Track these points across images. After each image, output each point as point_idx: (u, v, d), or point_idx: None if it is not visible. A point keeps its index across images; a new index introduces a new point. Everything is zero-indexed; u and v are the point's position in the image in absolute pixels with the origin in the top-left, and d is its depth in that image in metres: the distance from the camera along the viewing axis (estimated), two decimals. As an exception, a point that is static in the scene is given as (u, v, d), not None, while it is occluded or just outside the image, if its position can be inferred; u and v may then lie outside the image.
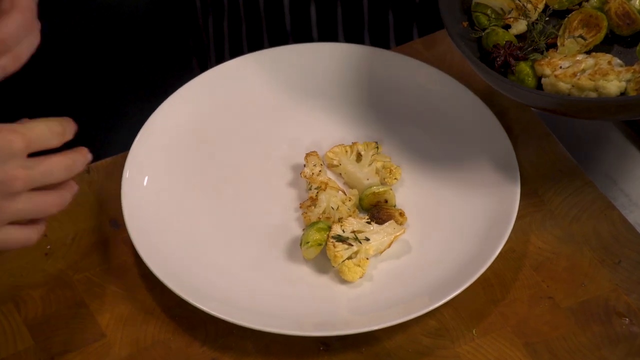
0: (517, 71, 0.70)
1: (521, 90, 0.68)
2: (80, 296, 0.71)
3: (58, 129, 0.58)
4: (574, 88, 0.67)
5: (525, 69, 0.70)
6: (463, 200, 0.74)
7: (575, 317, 0.69)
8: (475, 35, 0.73)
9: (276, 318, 0.67)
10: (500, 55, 0.70)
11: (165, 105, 0.79)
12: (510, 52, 0.70)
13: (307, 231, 0.71)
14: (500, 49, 0.71)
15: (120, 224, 0.73)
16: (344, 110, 0.79)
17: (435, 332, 0.68)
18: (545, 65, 0.69)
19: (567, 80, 0.67)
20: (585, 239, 0.73)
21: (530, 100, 0.69)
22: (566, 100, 0.67)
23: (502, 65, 0.70)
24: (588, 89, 0.67)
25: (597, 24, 0.71)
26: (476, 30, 0.73)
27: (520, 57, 0.70)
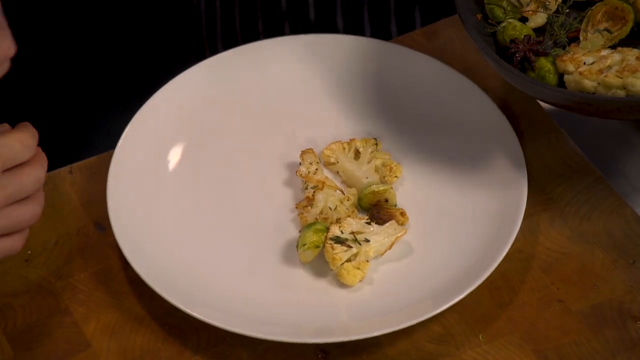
0: (537, 67, 0.68)
1: (544, 89, 0.66)
2: (64, 304, 0.69)
3: (30, 141, 0.59)
4: (600, 86, 0.65)
5: (546, 65, 0.68)
6: (467, 199, 0.73)
7: (587, 322, 0.68)
8: (490, 30, 0.70)
9: (272, 324, 0.67)
10: (519, 50, 0.68)
11: (153, 101, 0.77)
12: (530, 47, 0.68)
13: (304, 233, 0.70)
14: (519, 44, 0.68)
15: (106, 226, 0.72)
16: (341, 105, 0.78)
17: (440, 338, 0.67)
18: (568, 61, 0.67)
19: (593, 78, 0.65)
20: (597, 238, 0.72)
21: (553, 98, 0.67)
22: (593, 100, 0.64)
23: (521, 61, 0.68)
24: (616, 86, 0.65)
25: (622, 17, 0.68)
26: (491, 23, 0.71)
27: (540, 52, 0.68)
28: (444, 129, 0.76)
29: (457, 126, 0.76)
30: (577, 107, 0.66)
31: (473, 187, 0.73)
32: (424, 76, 0.78)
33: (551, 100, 0.67)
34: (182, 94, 0.77)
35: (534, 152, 0.75)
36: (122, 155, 0.74)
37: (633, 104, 0.63)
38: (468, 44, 0.80)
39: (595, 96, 0.65)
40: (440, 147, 0.75)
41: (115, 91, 0.93)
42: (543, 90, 0.66)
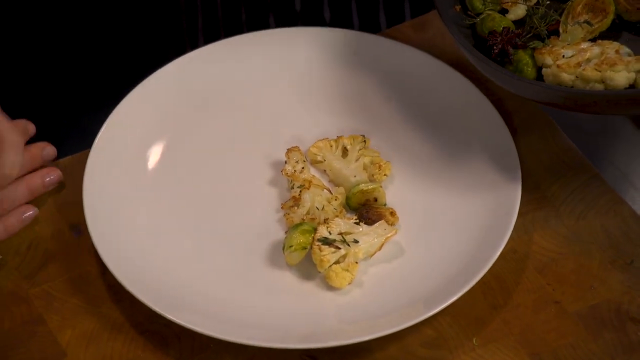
0: (515, 60, 0.67)
1: (521, 82, 0.65)
2: (38, 312, 0.68)
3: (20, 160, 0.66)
4: (578, 79, 0.64)
5: (524, 58, 0.67)
6: (459, 197, 0.72)
7: (584, 323, 0.67)
8: (468, 22, 0.70)
9: (257, 330, 0.66)
10: (497, 42, 0.67)
11: (130, 98, 0.75)
12: (508, 39, 0.67)
13: (290, 234, 0.69)
14: (497, 36, 0.68)
15: (83, 230, 0.71)
16: (327, 101, 0.77)
17: (432, 342, 0.66)
18: (547, 54, 0.66)
19: (571, 71, 0.65)
20: (594, 237, 0.71)
21: (530, 92, 0.66)
22: (570, 93, 0.64)
23: (499, 54, 0.67)
24: (594, 80, 0.64)
25: (603, 9, 0.68)
26: (470, 15, 0.70)
27: (519, 44, 0.67)
28: (434, 125, 0.75)
29: (448, 122, 0.75)
30: (555, 101, 0.65)
31: (465, 185, 0.72)
32: (414, 70, 0.76)
33: (530, 94, 0.66)
34: (160, 91, 0.76)
35: (528, 148, 0.74)
36: (99, 155, 0.72)
37: (610, 98, 0.62)
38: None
39: (572, 90, 0.64)
40: (431, 143, 0.74)
41: (91, 89, 0.91)
42: (521, 84, 0.65)
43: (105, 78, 0.91)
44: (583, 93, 0.63)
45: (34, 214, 0.69)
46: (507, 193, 0.70)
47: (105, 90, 0.86)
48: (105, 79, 0.91)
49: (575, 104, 0.63)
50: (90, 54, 0.92)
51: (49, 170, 0.70)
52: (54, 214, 0.72)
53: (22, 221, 0.68)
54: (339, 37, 0.78)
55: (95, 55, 0.92)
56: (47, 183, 0.70)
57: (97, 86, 0.91)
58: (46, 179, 0.70)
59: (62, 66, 0.92)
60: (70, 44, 0.92)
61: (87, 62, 0.93)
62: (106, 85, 0.89)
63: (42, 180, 0.70)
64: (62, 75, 0.92)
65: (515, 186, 0.70)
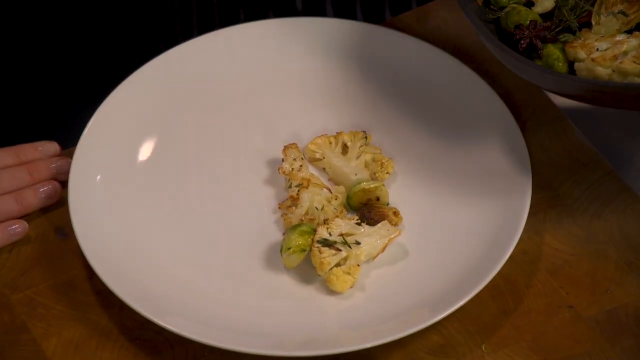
0: (545, 55, 0.65)
1: (555, 77, 0.63)
2: (21, 319, 0.66)
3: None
4: (615, 73, 0.63)
5: (554, 52, 0.65)
6: (466, 196, 0.70)
7: (600, 329, 0.65)
8: (492, 16, 0.68)
9: (255, 337, 0.64)
10: (524, 36, 0.65)
11: (118, 93, 0.74)
12: (537, 32, 0.65)
13: (288, 235, 0.67)
14: (525, 30, 0.66)
15: (68, 232, 0.69)
16: (326, 96, 0.75)
17: (439, 348, 0.65)
18: (579, 47, 0.64)
19: (607, 64, 0.63)
20: (609, 237, 0.69)
21: (564, 87, 0.64)
22: (610, 87, 0.61)
23: (527, 49, 0.65)
24: (633, 73, 0.62)
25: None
26: (492, 9, 0.68)
27: (548, 38, 0.66)
28: (439, 120, 0.74)
29: (453, 117, 0.73)
30: (591, 96, 0.63)
31: (472, 183, 0.70)
32: (417, 62, 0.75)
33: (562, 89, 0.65)
34: (149, 86, 0.74)
35: (538, 143, 0.73)
36: (85, 153, 0.70)
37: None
38: (463, 26, 0.77)
39: (612, 83, 0.62)
40: (436, 139, 0.73)
41: (77, 84, 0.89)
42: (553, 78, 0.63)
43: (94, 74, 0.89)
44: (624, 86, 0.60)
45: (22, 230, 0.66)
46: (516, 191, 0.68)
47: (92, 87, 0.84)
48: (93, 75, 0.89)
49: (613, 99, 0.61)
50: (79, 51, 0.90)
51: (44, 183, 0.67)
52: (37, 215, 0.70)
53: (8, 236, 0.66)
54: (338, 27, 0.76)
55: (83, 53, 0.90)
56: (41, 195, 0.67)
57: (85, 82, 0.89)
58: (40, 192, 0.67)
59: (48, 63, 0.90)
60: (61, 40, 0.90)
61: (76, 59, 0.90)
62: (94, 81, 0.87)
63: (34, 192, 0.67)
64: (47, 72, 0.90)
65: (525, 184, 0.68)
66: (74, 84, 0.88)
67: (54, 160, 0.68)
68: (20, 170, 0.67)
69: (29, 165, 0.67)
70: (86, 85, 0.87)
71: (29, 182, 0.67)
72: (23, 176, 0.67)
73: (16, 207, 0.66)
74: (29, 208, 0.67)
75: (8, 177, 0.66)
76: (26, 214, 0.67)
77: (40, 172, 0.67)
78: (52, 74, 0.88)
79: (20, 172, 0.67)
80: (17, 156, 0.68)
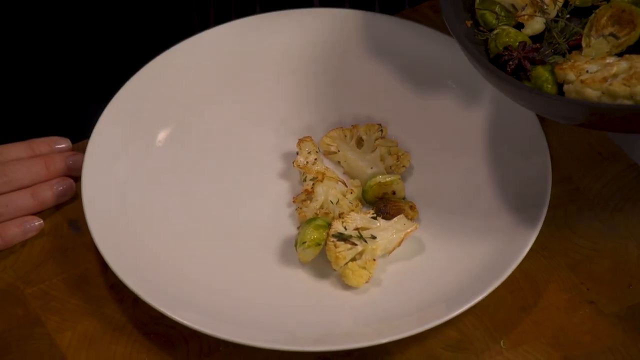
0: (534, 77, 0.65)
1: (544, 98, 0.62)
2: (35, 313, 0.66)
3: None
4: (605, 95, 0.62)
5: (543, 74, 0.64)
6: (484, 190, 0.70)
7: (622, 325, 0.65)
8: (481, 37, 0.67)
9: (269, 331, 0.64)
10: (513, 57, 0.65)
11: (131, 85, 0.74)
12: (526, 54, 0.65)
13: (303, 229, 0.67)
14: (513, 51, 0.65)
15: (81, 226, 0.69)
16: (341, 88, 0.75)
17: (457, 344, 0.65)
18: (569, 69, 0.63)
19: (596, 87, 0.62)
20: (631, 231, 0.69)
21: (552, 109, 0.63)
22: (599, 109, 0.61)
23: (515, 70, 0.65)
24: (622, 96, 0.61)
25: (631, 20, 0.65)
26: (482, 31, 0.67)
27: (537, 60, 0.65)
28: (456, 113, 0.73)
29: (470, 109, 0.73)
30: (580, 118, 0.62)
31: (490, 176, 0.70)
32: (433, 54, 0.75)
33: (551, 111, 0.64)
34: (161, 79, 0.74)
35: (557, 137, 0.72)
36: (98, 145, 0.70)
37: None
38: None
39: (601, 104, 0.61)
40: (453, 132, 0.72)
41: (89, 79, 0.89)
42: (541, 100, 0.62)
43: (106, 69, 0.89)
44: (613, 108, 0.60)
45: (38, 225, 0.67)
46: (536, 185, 0.68)
47: (105, 78, 0.84)
48: (106, 70, 0.89)
49: (602, 120, 0.61)
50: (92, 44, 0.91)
51: (60, 180, 0.68)
52: (51, 209, 0.70)
53: (24, 232, 0.66)
54: (353, 18, 0.76)
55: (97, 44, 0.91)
56: (58, 193, 0.67)
57: (97, 73, 0.89)
58: (56, 189, 0.67)
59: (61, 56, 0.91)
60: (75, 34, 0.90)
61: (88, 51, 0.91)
62: (107, 76, 0.87)
63: (50, 188, 0.67)
64: (62, 66, 0.91)
65: (544, 177, 0.68)
66: (86, 78, 0.88)
67: (70, 155, 0.69)
68: (37, 163, 0.67)
69: (45, 158, 0.68)
70: (98, 80, 0.87)
71: (45, 176, 0.67)
72: (39, 169, 0.67)
73: (32, 202, 0.67)
74: (44, 204, 0.67)
75: (24, 170, 0.67)
76: (41, 210, 0.68)
77: (56, 166, 0.68)
78: (65, 68, 0.89)
79: (36, 164, 0.67)
80: (32, 149, 0.68)
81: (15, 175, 0.66)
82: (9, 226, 0.66)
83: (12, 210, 0.66)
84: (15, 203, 0.66)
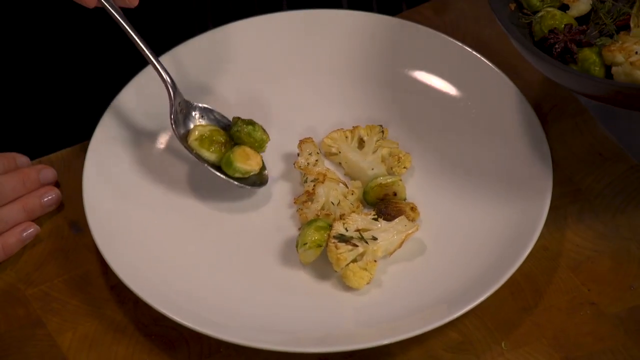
0: (580, 59, 0.64)
1: (594, 82, 0.62)
2: (36, 314, 0.66)
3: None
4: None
5: (590, 57, 0.64)
6: (485, 191, 0.70)
7: (624, 327, 0.65)
8: (525, 20, 0.67)
9: (270, 333, 0.64)
10: (559, 41, 0.64)
11: (133, 85, 0.74)
12: (572, 36, 0.65)
13: (304, 231, 0.67)
14: (559, 34, 0.65)
15: (82, 227, 0.69)
16: (342, 89, 0.75)
17: (458, 345, 0.65)
18: (617, 51, 0.63)
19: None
20: (633, 233, 0.69)
21: (602, 91, 0.62)
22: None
23: (561, 53, 0.65)
24: None
25: None
26: (526, 13, 0.67)
27: (584, 42, 0.65)
28: (456, 113, 0.73)
29: (471, 110, 0.73)
30: (630, 101, 0.61)
31: (491, 177, 0.70)
32: (434, 55, 0.75)
33: (600, 93, 0.63)
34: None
35: (559, 137, 0.72)
36: (99, 146, 0.71)
37: None
38: (482, 19, 0.77)
39: None
40: (454, 133, 0.72)
41: (90, 77, 0.89)
42: (591, 83, 0.62)
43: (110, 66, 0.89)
44: None
45: (34, 231, 0.68)
46: (537, 186, 0.68)
47: (107, 78, 0.84)
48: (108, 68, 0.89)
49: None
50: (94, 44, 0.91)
51: (47, 190, 0.69)
52: (52, 211, 0.70)
53: (22, 240, 0.67)
54: (354, 19, 0.76)
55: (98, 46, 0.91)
56: (46, 203, 0.69)
57: (101, 73, 0.90)
58: (44, 199, 0.68)
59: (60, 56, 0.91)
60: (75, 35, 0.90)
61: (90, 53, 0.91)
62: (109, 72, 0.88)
63: (39, 200, 0.68)
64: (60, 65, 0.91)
65: (546, 178, 0.68)
66: (88, 80, 0.89)
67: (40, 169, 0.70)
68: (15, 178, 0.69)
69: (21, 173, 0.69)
70: (99, 82, 0.87)
71: (22, 191, 0.69)
72: (17, 184, 0.68)
73: (24, 215, 0.68)
74: (34, 215, 0.69)
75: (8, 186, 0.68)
76: (31, 220, 0.69)
77: (31, 180, 0.69)
78: (66, 70, 0.89)
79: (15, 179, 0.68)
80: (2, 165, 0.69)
81: (3, 190, 0.67)
82: (9, 237, 0.67)
83: (10, 225, 0.67)
84: (12, 218, 0.67)
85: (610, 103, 0.64)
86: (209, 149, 0.69)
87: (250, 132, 0.69)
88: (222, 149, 0.69)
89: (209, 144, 0.68)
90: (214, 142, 0.69)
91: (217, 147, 0.69)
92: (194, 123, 0.70)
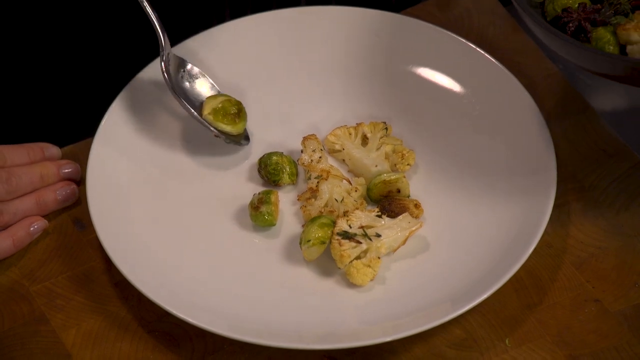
0: (594, 38, 0.64)
1: (611, 59, 0.61)
2: (40, 310, 0.67)
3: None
4: None
5: (605, 35, 0.64)
6: (489, 188, 0.70)
7: (628, 324, 0.65)
8: (537, 0, 0.66)
9: (274, 329, 0.64)
10: (573, 19, 0.64)
11: (137, 81, 0.74)
12: (586, 15, 0.64)
13: (308, 228, 0.67)
14: (573, 13, 0.64)
15: (86, 224, 0.70)
16: (346, 86, 0.75)
17: (461, 342, 0.65)
18: (632, 30, 0.62)
19: None
20: (637, 230, 0.69)
21: (619, 69, 0.61)
22: None
23: (575, 32, 0.64)
24: None
25: None
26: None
27: (598, 21, 0.64)
28: (460, 110, 0.73)
29: (475, 107, 0.73)
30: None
31: (495, 174, 0.70)
32: (438, 52, 0.75)
33: (616, 71, 0.62)
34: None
35: (563, 134, 0.72)
36: (103, 143, 0.71)
37: None
38: (486, 15, 0.77)
39: None
40: (457, 130, 0.72)
41: (94, 75, 0.89)
42: (607, 60, 0.61)
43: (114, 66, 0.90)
44: None
45: (42, 225, 0.68)
46: (540, 183, 0.68)
47: (111, 74, 0.84)
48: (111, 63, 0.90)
49: None
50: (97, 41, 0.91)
51: (63, 185, 0.69)
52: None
53: (31, 234, 0.67)
54: (358, 16, 0.76)
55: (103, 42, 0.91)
56: (60, 198, 0.68)
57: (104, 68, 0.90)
58: (59, 194, 0.68)
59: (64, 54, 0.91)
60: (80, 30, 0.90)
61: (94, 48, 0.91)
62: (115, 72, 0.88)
63: (54, 194, 0.68)
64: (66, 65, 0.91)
65: (549, 175, 0.68)
66: (91, 77, 0.89)
67: (63, 164, 0.69)
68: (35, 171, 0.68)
69: (41, 167, 0.68)
70: (102, 80, 0.88)
71: (40, 184, 0.68)
72: (36, 178, 0.68)
73: (37, 208, 0.68)
74: (47, 210, 0.68)
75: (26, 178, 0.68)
76: (44, 214, 0.69)
77: (50, 175, 0.69)
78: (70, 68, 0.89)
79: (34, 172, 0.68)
80: (28, 155, 0.69)
81: (19, 182, 0.67)
82: (17, 230, 0.67)
83: (19, 217, 0.67)
84: (23, 210, 0.67)
85: (626, 82, 0.63)
86: (223, 120, 0.70)
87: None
88: (236, 120, 0.70)
89: (223, 116, 0.70)
90: (227, 114, 0.70)
91: (230, 119, 0.70)
92: (186, 80, 0.71)
